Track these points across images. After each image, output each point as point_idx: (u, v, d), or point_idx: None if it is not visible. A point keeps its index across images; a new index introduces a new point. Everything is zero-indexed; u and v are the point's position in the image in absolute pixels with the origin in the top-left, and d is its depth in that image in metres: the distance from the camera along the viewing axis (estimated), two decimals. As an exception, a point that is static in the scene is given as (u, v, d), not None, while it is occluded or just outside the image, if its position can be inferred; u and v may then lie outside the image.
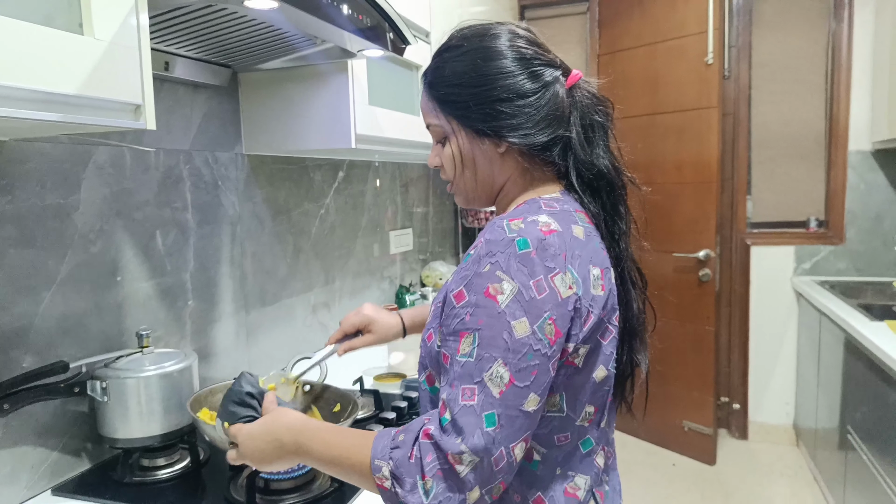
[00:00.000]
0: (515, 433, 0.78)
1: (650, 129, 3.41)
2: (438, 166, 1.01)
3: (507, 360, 0.78)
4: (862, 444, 2.41)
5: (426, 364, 0.93)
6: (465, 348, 0.80)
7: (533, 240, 0.81)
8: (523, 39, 0.95)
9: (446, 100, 0.95)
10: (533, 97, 0.91)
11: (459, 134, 0.95)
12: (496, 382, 0.78)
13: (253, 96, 1.76)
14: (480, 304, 0.80)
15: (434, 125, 0.98)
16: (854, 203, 3.45)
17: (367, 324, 1.31)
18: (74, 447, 1.29)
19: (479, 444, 0.76)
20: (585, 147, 0.94)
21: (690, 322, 3.36)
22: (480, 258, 0.82)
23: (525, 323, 0.78)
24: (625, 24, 3.51)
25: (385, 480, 0.80)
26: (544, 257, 0.81)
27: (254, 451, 0.93)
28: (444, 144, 0.98)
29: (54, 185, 1.24)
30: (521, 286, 0.79)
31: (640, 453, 3.57)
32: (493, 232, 0.83)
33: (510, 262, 0.80)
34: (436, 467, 0.78)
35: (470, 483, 0.77)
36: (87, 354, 1.29)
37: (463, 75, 0.93)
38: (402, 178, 2.83)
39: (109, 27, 0.89)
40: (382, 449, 0.82)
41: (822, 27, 3.45)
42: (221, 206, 1.71)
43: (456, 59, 0.94)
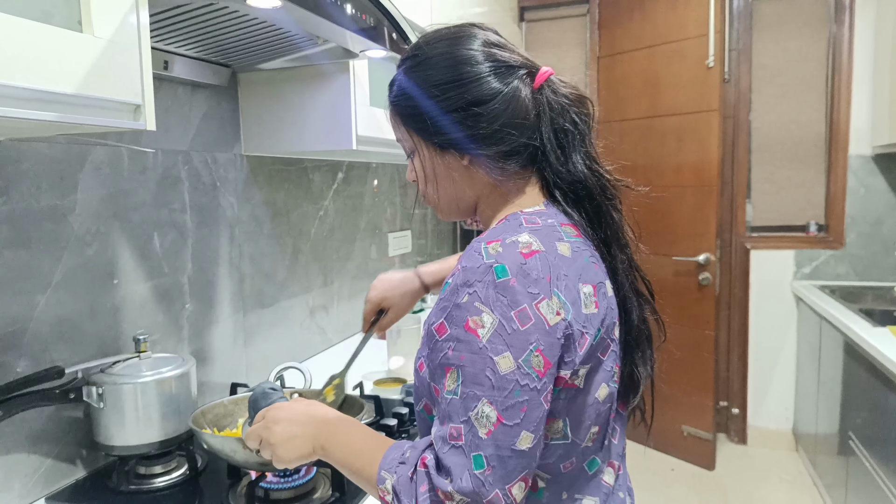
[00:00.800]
0: (509, 474, 0.73)
1: (650, 131, 3.39)
2: (414, 181, 0.96)
3: (493, 399, 0.73)
4: (864, 450, 2.39)
5: (422, 394, 0.88)
6: (450, 384, 0.76)
7: (511, 266, 0.75)
8: (483, 42, 0.88)
9: (405, 113, 0.91)
10: (489, 104, 0.85)
11: (421, 147, 0.90)
12: (482, 423, 0.73)
13: (252, 96, 1.73)
14: (461, 339, 0.75)
15: (400, 139, 0.95)
16: (854, 207, 3.44)
17: (381, 302, 1.29)
18: (69, 454, 1.26)
19: (467, 487, 0.72)
20: (558, 153, 0.87)
21: (690, 326, 3.34)
22: (458, 288, 0.76)
23: (509, 358, 0.73)
24: (625, 26, 3.50)
25: (387, 494, 0.78)
26: (526, 283, 0.74)
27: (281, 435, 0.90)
28: (412, 158, 0.94)
29: (50, 185, 1.21)
30: (501, 318, 0.73)
31: (639, 458, 3.54)
32: (470, 258, 0.78)
33: (488, 291, 0.74)
34: (427, 500, 0.74)
35: None
36: (82, 359, 1.26)
37: (418, 87, 0.88)
38: (400, 180, 2.81)
39: (109, 25, 0.87)
40: (391, 461, 0.80)
41: (822, 31, 3.44)
42: (220, 208, 1.69)
43: (411, 70, 0.90)
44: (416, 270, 1.33)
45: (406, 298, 1.30)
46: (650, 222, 3.80)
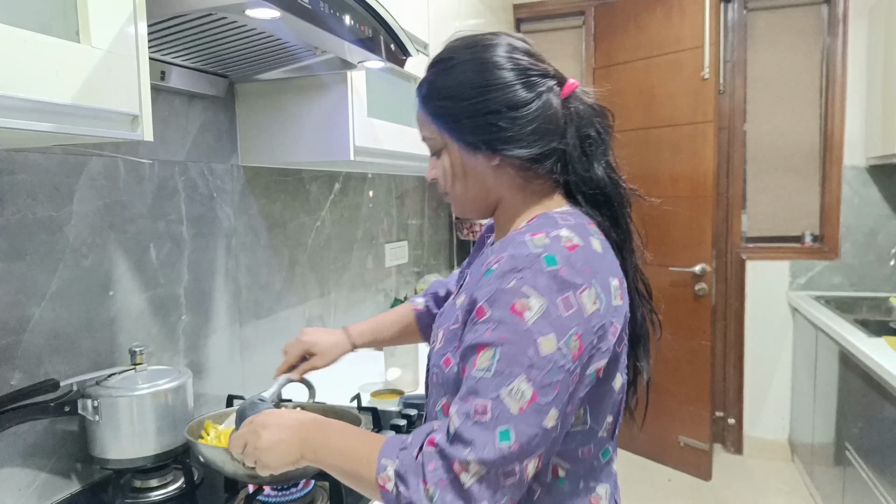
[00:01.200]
0: (531, 450, 0.77)
1: (645, 143, 3.40)
2: (435, 179, 0.99)
3: (531, 377, 0.76)
4: (860, 461, 2.39)
5: (445, 390, 0.89)
6: (482, 363, 0.78)
7: (560, 256, 0.79)
8: (516, 50, 0.93)
9: (438, 113, 0.93)
10: (524, 108, 0.89)
11: (452, 147, 0.93)
12: (516, 398, 0.76)
13: (250, 107, 1.73)
14: (504, 321, 0.77)
15: (428, 138, 0.97)
16: (848, 218, 3.45)
17: (309, 348, 1.28)
18: (64, 468, 1.25)
19: (489, 457, 0.74)
20: (583, 160, 0.93)
21: (686, 337, 3.34)
22: (505, 273, 0.79)
23: (552, 339, 0.77)
24: (620, 38, 3.51)
25: (388, 482, 0.79)
26: (572, 274, 0.79)
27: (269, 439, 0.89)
28: (439, 157, 0.97)
29: (46, 196, 1.21)
30: (549, 302, 0.77)
31: (635, 468, 3.54)
32: (518, 247, 0.81)
33: (538, 278, 0.78)
34: (438, 476, 0.76)
35: (474, 497, 0.75)
36: (78, 372, 1.25)
37: (452, 88, 0.91)
38: (397, 190, 2.81)
39: (107, 35, 0.86)
40: (391, 448, 0.82)
41: (816, 42, 3.46)
42: (216, 219, 1.68)
43: (446, 71, 0.93)
44: (345, 329, 1.34)
45: (335, 350, 1.29)
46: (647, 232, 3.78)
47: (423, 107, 0.95)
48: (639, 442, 3.64)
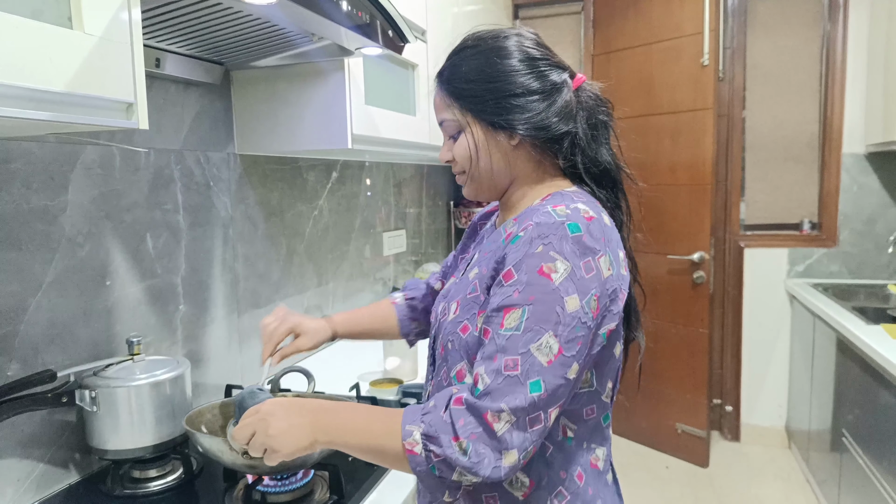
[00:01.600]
0: (556, 399, 0.84)
1: (645, 130, 3.39)
2: (450, 161, 1.05)
3: (558, 333, 0.83)
4: (857, 447, 2.40)
5: (462, 356, 0.94)
6: (510, 322, 0.84)
7: (582, 224, 0.87)
8: (533, 42, 1.01)
9: (462, 94, 0.98)
10: (546, 93, 0.97)
11: (475, 127, 0.99)
12: (545, 353, 0.83)
13: (246, 95, 1.71)
14: (532, 282, 0.84)
15: (448, 120, 1.01)
16: (847, 205, 3.44)
17: (294, 328, 1.25)
18: (62, 459, 1.24)
19: (521, 404, 0.81)
20: (591, 144, 1.01)
21: (684, 324, 3.34)
22: (532, 240, 0.86)
23: (576, 299, 0.84)
24: (619, 24, 3.49)
25: (416, 445, 0.83)
26: (591, 241, 0.86)
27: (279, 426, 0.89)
28: (455, 139, 1.02)
29: (40, 186, 1.19)
30: (573, 266, 0.84)
31: (633, 455, 3.55)
32: (543, 216, 0.88)
33: (563, 244, 0.85)
34: (469, 430, 0.82)
35: (507, 442, 0.81)
36: (75, 362, 1.25)
37: (479, 71, 0.97)
38: (395, 179, 2.80)
39: (100, 21, 0.85)
40: (413, 414, 0.87)
41: (816, 29, 3.44)
42: (213, 208, 1.67)
43: (472, 56, 0.99)
44: (328, 318, 1.34)
45: (318, 334, 1.28)
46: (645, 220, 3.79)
47: (446, 89, 1.01)
48: (636, 429, 3.65)
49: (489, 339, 0.86)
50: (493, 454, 0.81)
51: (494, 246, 0.96)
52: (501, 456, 0.81)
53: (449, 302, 1.00)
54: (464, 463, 0.81)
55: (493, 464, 0.81)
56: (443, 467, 0.82)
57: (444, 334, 0.98)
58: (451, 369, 0.96)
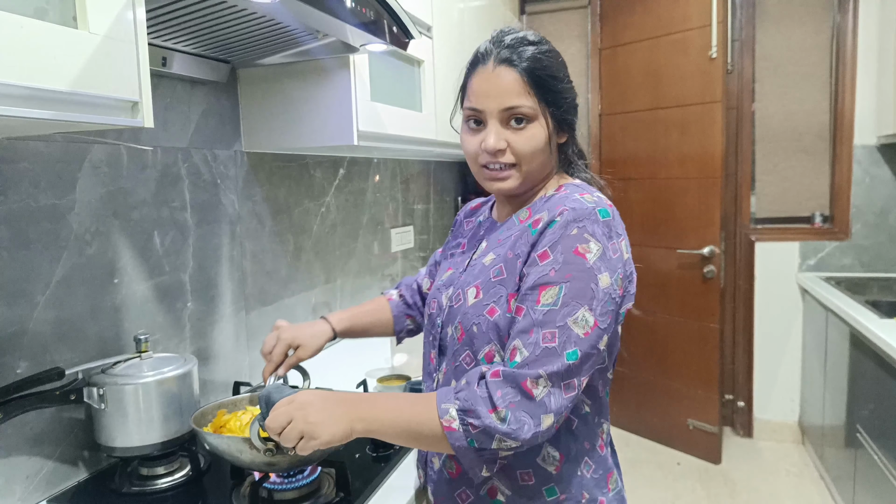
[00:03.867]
0: (589, 368, 0.92)
1: (653, 123, 3.37)
2: (502, 150, 1.02)
3: (593, 307, 0.91)
4: (872, 443, 2.37)
5: (490, 338, 0.98)
6: (546, 299, 0.91)
7: (609, 210, 0.96)
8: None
9: (546, 87, 1.01)
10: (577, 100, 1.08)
11: (546, 121, 1.02)
12: (581, 325, 0.90)
13: (252, 92, 1.71)
14: (569, 261, 0.91)
15: (526, 106, 1.00)
16: (859, 198, 3.41)
17: (291, 343, 1.27)
18: (71, 456, 1.25)
19: (558, 369, 0.88)
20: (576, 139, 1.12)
21: (695, 319, 3.33)
22: (568, 223, 0.93)
23: (607, 276, 0.92)
24: (626, 17, 3.47)
25: (453, 421, 0.88)
26: (615, 225, 0.96)
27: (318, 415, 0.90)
28: (519, 128, 1.01)
29: (48, 184, 1.20)
30: (604, 247, 0.93)
31: (644, 452, 3.54)
32: (575, 202, 0.95)
33: (595, 227, 0.93)
34: (508, 399, 0.87)
35: (546, 406, 0.87)
36: (83, 360, 1.25)
37: (558, 71, 1.03)
38: (402, 175, 2.79)
39: (105, 21, 0.85)
40: (446, 394, 0.91)
41: (826, 19, 3.41)
42: (221, 205, 1.67)
43: (550, 56, 1.03)
44: (323, 317, 1.35)
45: (317, 339, 1.29)
46: (655, 215, 3.78)
47: (530, 77, 1.00)
48: (648, 425, 3.63)
49: (523, 315, 0.92)
50: (533, 420, 0.87)
51: (512, 233, 1.03)
52: (541, 420, 0.87)
53: (462, 289, 1.04)
54: (503, 429, 0.86)
55: (532, 429, 0.87)
56: (482, 437, 0.87)
57: (464, 319, 1.01)
58: (477, 352, 0.99)
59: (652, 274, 3.42)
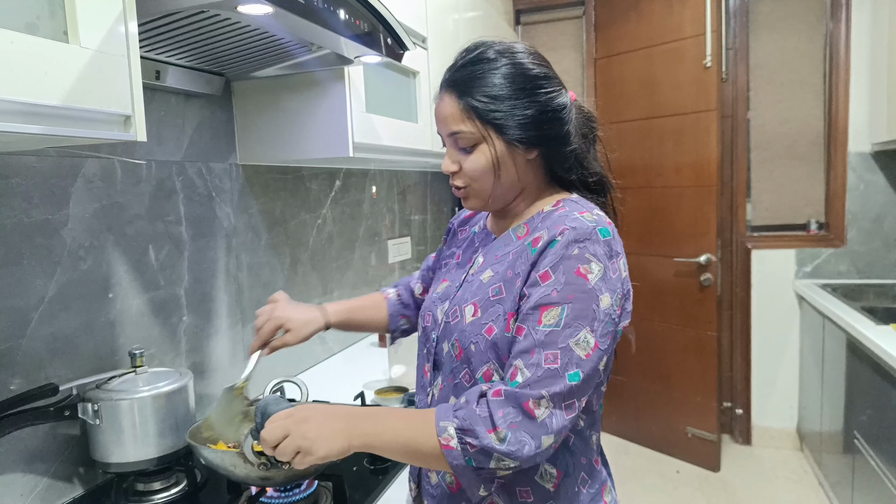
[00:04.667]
0: (588, 388, 0.91)
1: (648, 132, 3.38)
2: (455, 172, 1.04)
3: (594, 329, 0.90)
4: (869, 449, 2.37)
5: (489, 357, 0.97)
6: (548, 319, 0.90)
7: (609, 229, 0.94)
8: (543, 60, 1.04)
9: (486, 109, 0.98)
10: (563, 112, 1.00)
11: (496, 141, 0.99)
12: (583, 347, 0.89)
13: (247, 105, 1.71)
14: (570, 282, 0.90)
15: (466, 132, 0.99)
16: (854, 204, 3.42)
17: (283, 324, 1.25)
18: (66, 472, 1.24)
19: (560, 391, 0.87)
20: (587, 156, 1.07)
21: (692, 327, 3.32)
22: (569, 243, 0.92)
23: (608, 297, 0.91)
24: (621, 27, 3.49)
25: (451, 440, 0.87)
26: (615, 244, 0.94)
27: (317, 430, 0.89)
28: (468, 151, 1.01)
29: (41, 200, 1.20)
30: (605, 267, 0.92)
31: (643, 460, 3.52)
32: (575, 222, 0.93)
33: (597, 247, 0.92)
34: (510, 420, 0.86)
35: (547, 427, 0.87)
36: (78, 376, 1.25)
37: (504, 87, 0.98)
38: (399, 186, 2.79)
39: (96, 35, 0.85)
40: (445, 412, 0.90)
41: (819, 28, 3.43)
42: (216, 219, 1.67)
43: (494, 71, 0.98)
44: (320, 306, 1.34)
45: (309, 326, 1.27)
46: (651, 223, 3.77)
47: (466, 102, 0.99)
48: (647, 434, 3.62)
49: (524, 336, 0.91)
50: (534, 440, 0.86)
51: (510, 249, 1.01)
52: (541, 441, 0.86)
53: (459, 305, 1.02)
54: (502, 449, 0.85)
55: (532, 449, 0.86)
56: (480, 457, 0.86)
57: (462, 337, 1.00)
58: (475, 371, 0.99)
59: (649, 282, 3.41)
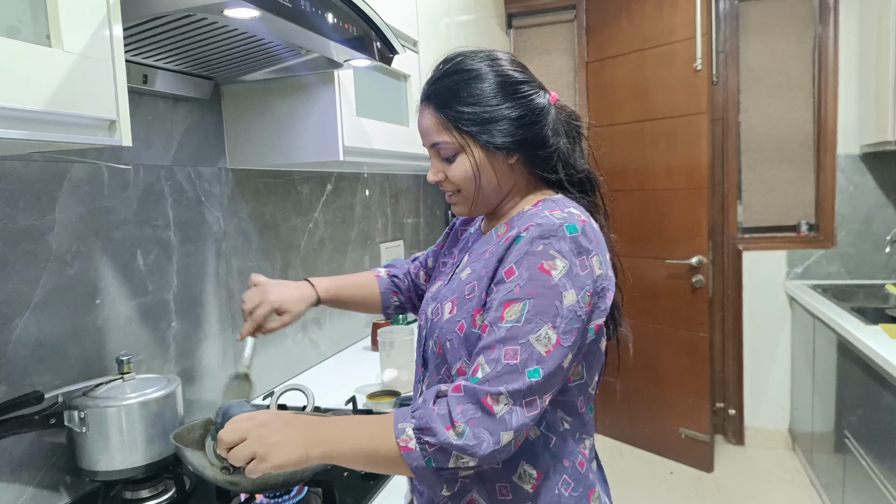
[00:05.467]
0: (551, 386, 0.90)
1: (640, 135, 3.38)
2: (440, 181, 1.06)
3: (556, 325, 0.89)
4: (859, 448, 2.38)
5: (462, 354, 0.97)
6: (510, 315, 0.90)
7: (578, 225, 0.93)
8: (517, 65, 1.05)
9: (462, 118, 1.00)
10: (541, 115, 1.01)
11: (475, 149, 1.01)
12: (544, 343, 0.88)
13: (236, 109, 1.70)
14: (533, 278, 0.90)
15: (445, 143, 1.02)
16: (843, 206, 3.44)
17: (277, 307, 1.25)
18: (52, 481, 1.23)
19: (519, 388, 0.86)
20: (572, 155, 1.07)
21: (684, 328, 3.33)
22: (534, 240, 0.92)
23: (573, 294, 0.90)
24: (612, 31, 3.49)
25: (410, 441, 0.86)
26: (586, 241, 0.93)
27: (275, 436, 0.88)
28: (450, 161, 1.03)
29: (27, 205, 1.18)
30: (570, 264, 0.91)
31: (637, 462, 3.52)
32: (542, 219, 0.93)
33: (562, 243, 0.91)
34: (469, 416, 0.86)
35: (507, 423, 0.86)
36: (64, 383, 1.23)
37: (479, 95, 0.99)
38: (391, 190, 2.79)
39: (80, 39, 0.84)
40: (403, 414, 0.90)
41: (808, 31, 3.44)
42: (205, 223, 1.66)
43: (470, 81, 1.00)
44: (310, 280, 1.33)
45: (302, 303, 1.28)
46: (643, 226, 3.77)
47: (443, 113, 1.01)
48: (640, 435, 3.63)
49: (488, 332, 0.91)
50: (492, 436, 0.85)
51: (488, 248, 1.02)
52: (500, 437, 0.85)
53: (441, 303, 1.04)
54: (459, 444, 0.84)
55: (491, 445, 0.85)
56: (438, 456, 0.85)
57: (441, 334, 1.01)
58: (451, 367, 0.99)
59: (641, 284, 3.42)
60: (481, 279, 0.98)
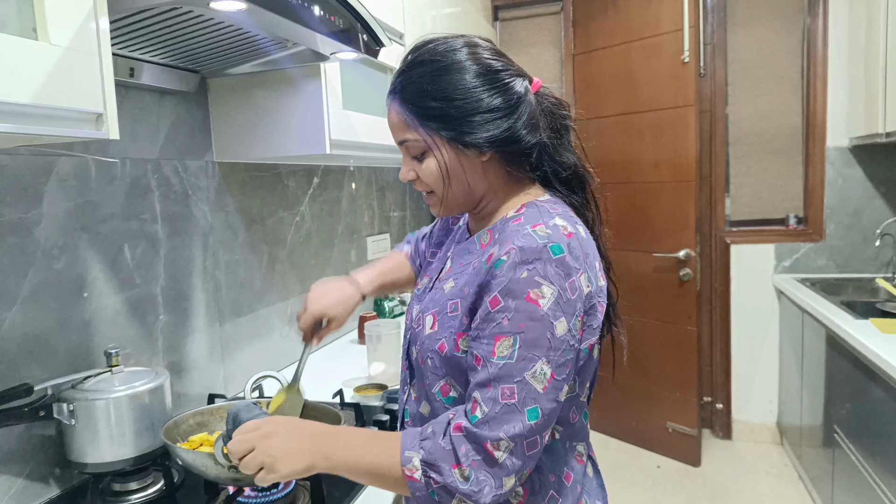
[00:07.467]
0: (550, 422, 0.86)
1: (627, 128, 3.39)
2: (413, 180, 1.00)
3: (550, 358, 0.84)
4: (848, 443, 2.40)
5: (443, 373, 0.95)
6: (502, 351, 0.85)
7: (563, 244, 0.86)
8: (492, 51, 0.96)
9: (429, 115, 0.93)
10: (514, 106, 0.93)
11: (443, 147, 0.94)
12: (539, 379, 0.84)
13: (223, 102, 1.70)
14: (521, 309, 0.84)
15: (412, 140, 0.95)
16: (832, 199, 3.45)
17: (321, 316, 1.25)
18: (41, 473, 1.23)
19: (520, 432, 0.83)
20: (557, 149, 0.99)
21: (672, 322, 3.35)
22: (516, 265, 0.85)
23: (564, 322, 0.85)
24: (599, 23, 3.50)
25: (415, 471, 0.85)
26: (572, 259, 0.86)
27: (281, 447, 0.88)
28: (421, 159, 0.97)
29: (13, 199, 1.18)
30: (559, 289, 0.84)
31: (623, 456, 3.55)
32: (524, 239, 0.86)
33: (547, 267, 0.84)
34: (471, 458, 0.83)
35: (507, 468, 0.84)
36: (52, 376, 1.23)
37: (446, 90, 0.92)
38: (378, 183, 2.79)
39: (66, 32, 0.84)
40: (412, 440, 0.87)
41: (796, 22, 3.45)
42: (192, 217, 1.66)
43: (434, 74, 0.93)
44: (352, 278, 1.32)
45: (346, 308, 1.28)
46: (630, 219, 3.78)
47: (408, 109, 0.94)
48: (627, 429, 3.65)
49: (481, 366, 0.86)
50: (495, 481, 0.83)
51: (472, 260, 0.96)
52: (503, 483, 0.84)
53: (423, 313, 0.99)
54: (464, 490, 0.83)
55: (493, 490, 0.83)
56: (442, 493, 0.84)
57: (422, 348, 0.97)
58: (432, 385, 0.97)
59: (628, 278, 3.43)
60: (464, 298, 0.92)
